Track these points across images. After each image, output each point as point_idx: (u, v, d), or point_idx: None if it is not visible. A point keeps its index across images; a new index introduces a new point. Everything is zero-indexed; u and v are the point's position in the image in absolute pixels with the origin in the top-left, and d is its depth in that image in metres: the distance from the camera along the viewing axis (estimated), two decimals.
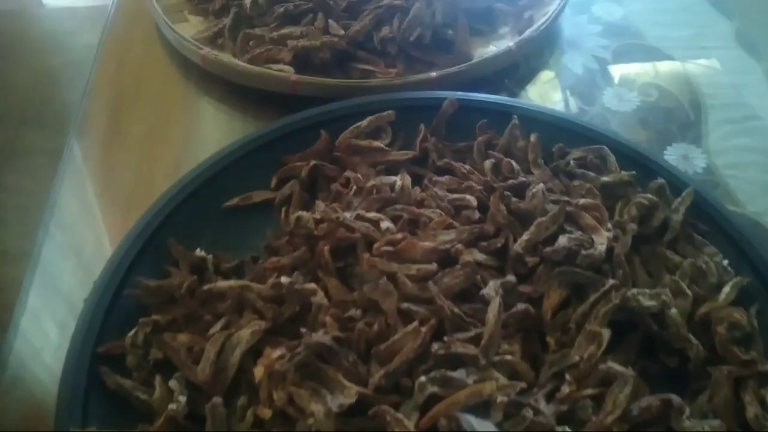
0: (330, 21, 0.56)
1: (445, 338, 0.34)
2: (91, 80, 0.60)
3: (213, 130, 0.55)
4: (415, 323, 0.34)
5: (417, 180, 0.46)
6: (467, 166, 0.45)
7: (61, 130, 0.66)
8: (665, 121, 0.54)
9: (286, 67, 0.54)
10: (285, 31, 0.56)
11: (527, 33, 0.57)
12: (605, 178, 0.44)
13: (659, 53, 0.61)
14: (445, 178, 0.45)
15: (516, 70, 0.58)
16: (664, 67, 0.59)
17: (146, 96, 0.58)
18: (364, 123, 0.48)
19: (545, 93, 0.57)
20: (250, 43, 0.57)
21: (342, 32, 0.54)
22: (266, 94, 0.54)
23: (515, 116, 0.48)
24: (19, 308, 0.42)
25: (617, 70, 0.59)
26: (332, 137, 0.47)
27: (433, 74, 0.53)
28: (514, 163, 0.45)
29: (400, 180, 0.43)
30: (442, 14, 0.57)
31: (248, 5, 0.58)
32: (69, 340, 0.35)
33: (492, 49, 0.58)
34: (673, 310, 0.37)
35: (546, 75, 0.58)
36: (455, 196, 0.42)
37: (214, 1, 0.61)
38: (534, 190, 0.42)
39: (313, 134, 0.47)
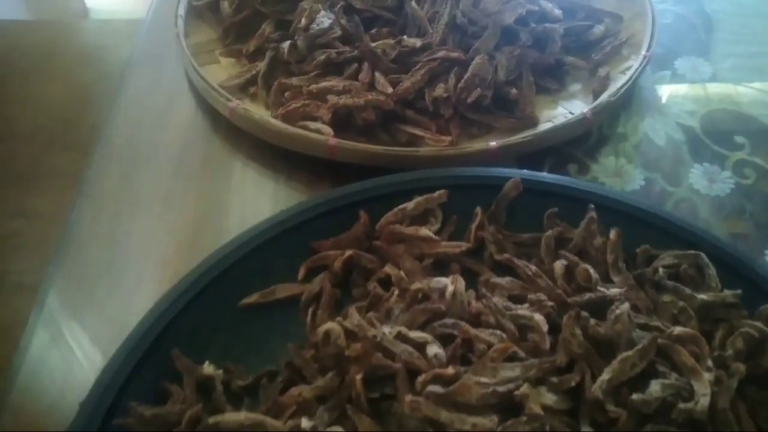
0: (377, 74, 0.49)
1: None
2: (111, 121, 0.54)
3: (239, 194, 0.48)
4: None
5: (470, 276, 0.39)
6: (533, 267, 0.38)
7: (87, 152, 0.60)
8: (766, 211, 0.46)
9: (325, 128, 0.47)
10: (325, 84, 0.49)
11: (604, 97, 0.49)
12: (703, 297, 0.36)
13: (755, 123, 0.52)
14: (505, 281, 0.38)
15: (587, 138, 0.50)
16: (762, 141, 0.51)
17: (166, 146, 0.52)
18: (410, 205, 0.40)
19: (621, 168, 0.49)
20: (286, 94, 0.50)
21: (390, 89, 0.47)
22: (302, 154, 0.48)
23: (591, 206, 0.40)
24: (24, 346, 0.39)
25: (706, 143, 0.51)
26: (372, 218, 0.41)
27: (493, 144, 0.46)
28: (591, 270, 0.37)
29: (451, 284, 0.36)
30: (505, 70, 0.50)
31: (286, 50, 0.52)
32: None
33: (561, 111, 0.51)
34: None
35: (622, 146, 0.50)
36: (520, 312, 0.34)
37: (249, 42, 0.55)
38: (618, 312, 0.34)
39: (349, 214, 0.41)
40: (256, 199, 0.47)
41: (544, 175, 0.43)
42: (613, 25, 0.58)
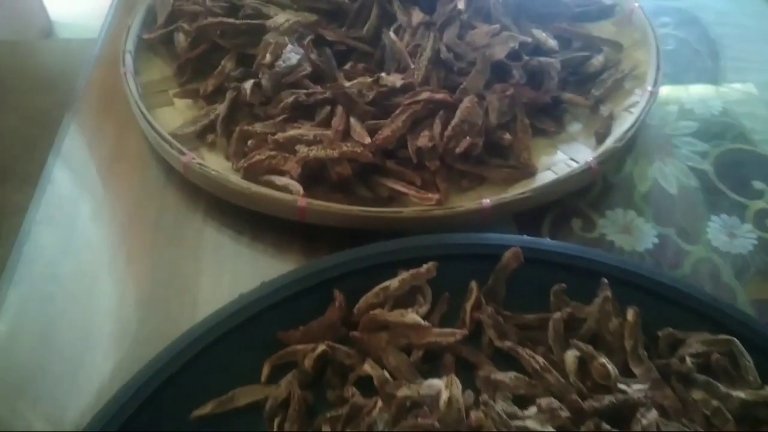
0: (352, 120, 0.43)
1: None
2: (49, 172, 0.47)
3: (195, 260, 0.41)
4: None
5: (467, 369, 0.33)
6: (540, 360, 0.32)
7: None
8: None
9: (293, 185, 0.41)
10: (293, 132, 0.43)
11: (609, 142, 0.44)
12: (740, 395, 0.31)
13: None
14: (509, 377, 0.32)
15: (591, 187, 0.45)
16: None
17: (112, 202, 0.45)
18: (394, 283, 0.34)
19: (631, 223, 0.43)
20: (249, 143, 0.44)
21: (367, 139, 0.41)
22: None
23: (605, 281, 0.34)
24: None
25: (722, 190, 0.45)
26: (349, 297, 0.35)
27: (487, 202, 0.40)
28: (610, 366, 0.31)
29: (445, 389, 0.30)
30: (497, 112, 0.44)
31: (248, 90, 0.46)
32: None
33: (561, 157, 0.45)
34: None
35: (630, 195, 0.45)
36: (530, 427, 0.29)
37: (207, 81, 0.48)
38: (645, 423, 0.28)
39: (322, 294, 0.34)
40: (216, 267, 0.41)
41: (548, 243, 0.37)
42: (613, 55, 0.53)
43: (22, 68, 1.17)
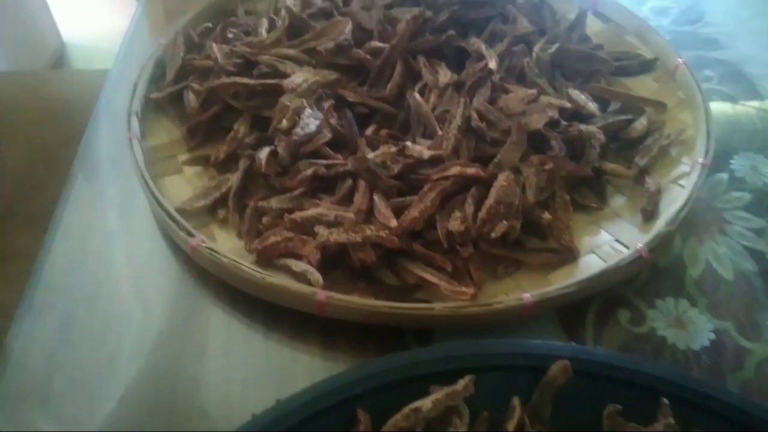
0: (376, 198, 0.39)
1: None
2: (49, 244, 0.44)
3: (201, 351, 0.37)
4: None
5: None
6: None
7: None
8: None
9: (312, 272, 0.37)
10: (312, 212, 0.39)
11: (660, 225, 0.40)
12: None
13: None
14: None
15: (636, 274, 0.41)
16: None
17: (113, 280, 0.41)
18: (427, 404, 0.30)
19: (684, 315, 0.39)
20: (263, 220, 0.41)
21: (393, 222, 0.38)
22: None
23: (665, 402, 0.30)
24: None
25: None
26: (375, 417, 0.31)
27: (528, 297, 0.36)
28: None
29: None
30: (535, 189, 0.40)
31: (263, 161, 0.42)
32: None
33: (605, 238, 0.41)
34: None
35: (682, 282, 0.41)
36: None
37: (218, 147, 0.45)
38: None
39: (342, 414, 0.30)
40: (225, 359, 0.37)
41: (600, 354, 0.32)
42: (656, 116, 0.49)
43: (30, 101, 1.15)
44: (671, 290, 0.40)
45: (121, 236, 0.44)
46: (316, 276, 0.37)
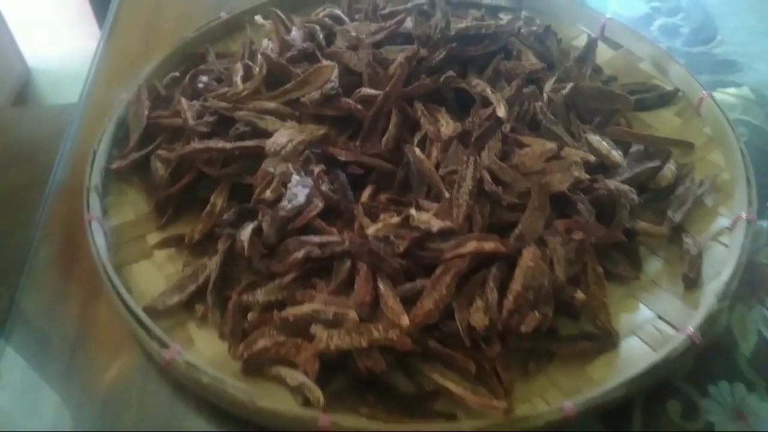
0: (381, 287, 0.34)
1: None
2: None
3: None
4: None
5: None
6: None
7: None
8: None
9: (312, 388, 0.31)
10: (306, 309, 0.33)
11: (711, 300, 0.34)
12: None
13: None
14: None
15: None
16: None
17: (78, 395, 0.34)
18: None
19: (742, 403, 0.33)
20: (249, 316, 0.35)
21: (405, 320, 0.32)
22: None
23: None
24: None
25: None
26: None
27: (569, 406, 0.30)
28: None
29: None
30: (563, 263, 0.35)
31: (246, 243, 0.36)
32: None
33: (646, 315, 0.36)
34: None
35: (734, 360, 0.35)
36: None
37: (193, 225, 0.39)
38: None
39: None
40: None
41: None
42: (683, 157, 0.44)
43: None
44: (724, 372, 0.35)
45: (83, 347, 0.36)
46: (316, 393, 0.31)
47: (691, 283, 0.36)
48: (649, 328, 0.35)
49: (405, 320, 0.32)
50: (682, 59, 0.53)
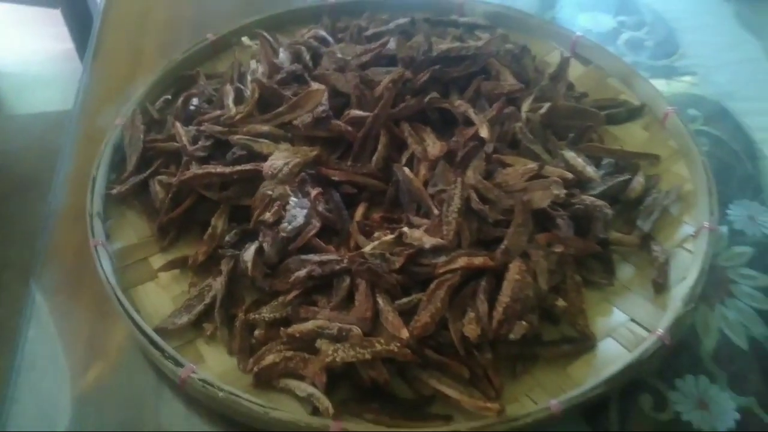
0: (381, 302, 0.36)
1: None
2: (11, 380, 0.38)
3: None
4: None
5: None
6: None
7: None
8: None
9: (321, 399, 0.33)
10: (311, 325, 0.35)
11: (678, 304, 0.38)
12: None
13: None
14: None
15: None
16: None
17: (91, 413, 0.36)
18: None
19: (705, 394, 0.37)
20: (256, 333, 0.37)
21: (405, 333, 0.35)
22: None
23: None
24: None
25: None
26: None
27: (555, 404, 0.33)
28: None
29: None
30: (547, 275, 0.38)
31: (249, 264, 0.38)
32: None
33: (619, 318, 0.39)
34: None
35: (698, 356, 0.39)
36: None
37: (196, 249, 0.41)
38: None
39: None
40: None
41: None
42: (650, 169, 0.47)
43: None
44: (689, 367, 0.39)
45: (95, 364, 0.38)
46: (325, 404, 0.33)
47: (660, 287, 0.40)
48: (623, 330, 0.38)
49: (405, 333, 0.35)
50: (648, 72, 0.57)
